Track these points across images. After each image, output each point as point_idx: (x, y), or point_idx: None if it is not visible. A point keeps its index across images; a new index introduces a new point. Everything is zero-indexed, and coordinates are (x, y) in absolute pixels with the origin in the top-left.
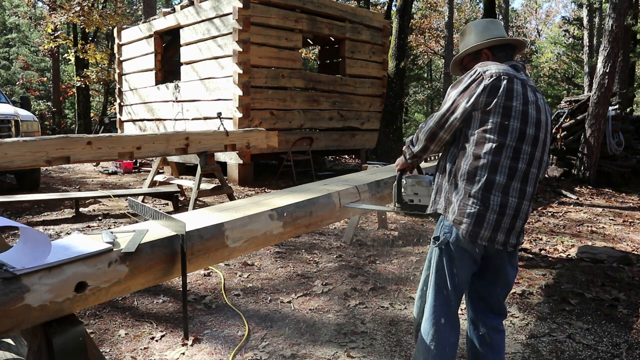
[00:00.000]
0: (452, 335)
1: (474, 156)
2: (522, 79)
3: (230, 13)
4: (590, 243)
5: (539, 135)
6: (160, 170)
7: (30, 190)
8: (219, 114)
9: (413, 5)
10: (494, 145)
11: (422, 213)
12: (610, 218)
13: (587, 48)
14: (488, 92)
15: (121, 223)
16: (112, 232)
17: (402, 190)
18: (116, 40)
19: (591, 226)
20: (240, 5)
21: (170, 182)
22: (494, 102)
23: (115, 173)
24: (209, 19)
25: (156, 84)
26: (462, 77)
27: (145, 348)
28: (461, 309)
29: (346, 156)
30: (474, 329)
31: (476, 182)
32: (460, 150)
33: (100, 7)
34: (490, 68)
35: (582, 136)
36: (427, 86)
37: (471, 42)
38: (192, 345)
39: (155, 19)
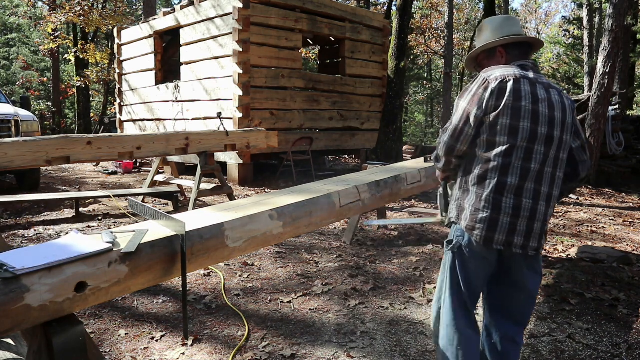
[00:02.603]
0: (474, 339)
1: (484, 159)
2: (530, 78)
3: (230, 13)
4: (590, 243)
5: (552, 133)
6: (160, 170)
7: (30, 190)
8: (219, 114)
9: (413, 5)
10: (504, 147)
11: None
12: (610, 218)
13: (587, 48)
14: (496, 95)
15: (121, 223)
16: (112, 232)
17: (449, 200)
18: (116, 40)
19: (591, 226)
20: (240, 5)
21: (170, 182)
22: (502, 104)
23: (115, 173)
24: (209, 19)
25: (156, 84)
26: (467, 86)
27: (145, 348)
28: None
29: (346, 156)
30: (486, 335)
31: (487, 186)
32: (472, 156)
33: (100, 7)
34: (494, 72)
35: None
36: (427, 86)
37: (486, 39)
38: (192, 345)
39: (155, 19)
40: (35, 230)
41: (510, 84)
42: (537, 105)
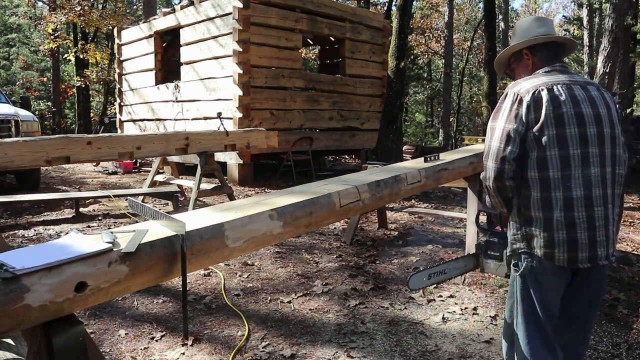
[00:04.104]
0: None
1: (541, 179)
2: (563, 82)
3: (231, 13)
4: None
5: (602, 131)
6: (160, 170)
7: (30, 190)
8: (219, 114)
9: (413, 5)
10: (558, 159)
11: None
12: None
13: (587, 48)
14: (533, 108)
15: (121, 223)
16: (112, 232)
17: None
18: (116, 40)
19: None
20: (240, 5)
21: (170, 182)
22: (542, 115)
23: (115, 173)
24: (209, 19)
25: (156, 84)
26: (498, 105)
27: (145, 348)
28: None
29: (346, 156)
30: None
31: (554, 206)
32: (524, 179)
33: (100, 7)
34: (524, 85)
35: None
36: (427, 86)
37: (515, 42)
38: (192, 345)
39: (155, 18)
40: (35, 230)
41: (544, 93)
42: (579, 107)
